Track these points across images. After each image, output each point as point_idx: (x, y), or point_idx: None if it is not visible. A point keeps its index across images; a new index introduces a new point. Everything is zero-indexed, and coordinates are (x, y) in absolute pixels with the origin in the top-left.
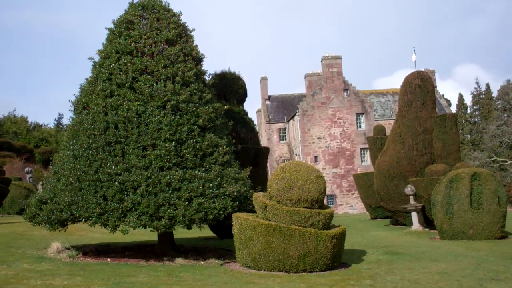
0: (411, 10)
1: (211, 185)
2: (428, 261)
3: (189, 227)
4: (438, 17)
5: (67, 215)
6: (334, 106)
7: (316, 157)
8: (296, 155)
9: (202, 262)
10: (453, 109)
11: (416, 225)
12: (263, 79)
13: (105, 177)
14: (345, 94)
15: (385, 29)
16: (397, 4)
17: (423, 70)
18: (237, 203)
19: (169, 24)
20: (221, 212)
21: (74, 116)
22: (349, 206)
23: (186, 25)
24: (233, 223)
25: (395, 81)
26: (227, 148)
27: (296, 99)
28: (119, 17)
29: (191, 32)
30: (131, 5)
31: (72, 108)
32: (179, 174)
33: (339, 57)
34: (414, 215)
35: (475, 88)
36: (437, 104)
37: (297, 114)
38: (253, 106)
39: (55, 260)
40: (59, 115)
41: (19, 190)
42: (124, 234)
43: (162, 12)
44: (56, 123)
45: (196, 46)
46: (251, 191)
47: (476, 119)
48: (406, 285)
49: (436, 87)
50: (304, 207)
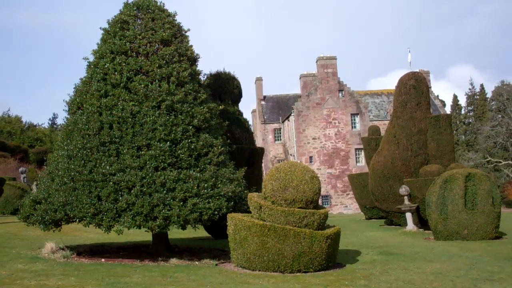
0: (405, 11)
1: (206, 185)
2: (423, 261)
3: (183, 228)
4: (433, 18)
5: (61, 215)
6: (329, 107)
7: (311, 157)
8: (291, 155)
9: (197, 263)
10: (448, 109)
11: (410, 225)
12: (258, 80)
13: (99, 177)
14: (340, 94)
15: (379, 30)
16: (391, 5)
17: (417, 70)
18: (232, 203)
19: (164, 24)
20: (216, 212)
21: (69, 116)
22: (344, 206)
23: (181, 25)
24: (228, 224)
25: (390, 82)
26: (222, 149)
27: (291, 100)
28: (114, 17)
29: (186, 32)
30: (126, 5)
31: (67, 108)
32: (173, 174)
33: (334, 58)
34: (409, 215)
35: (470, 89)
36: (431, 105)
37: (292, 114)
38: (248, 107)
39: (49, 260)
40: (54, 115)
41: (13, 190)
42: (119, 234)
43: (157, 12)
44: (50, 123)
45: (191, 46)
46: (246, 191)
47: (471, 120)
48: (401, 285)
49: (430, 87)
50: (299, 208)
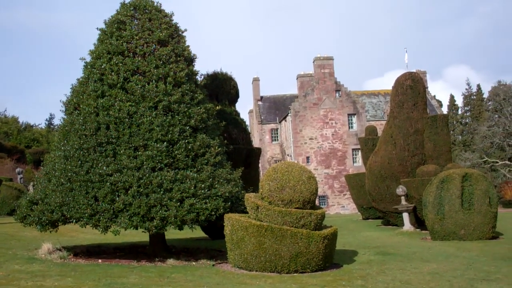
0: (402, 11)
1: (203, 185)
2: (420, 261)
3: (180, 228)
4: (429, 18)
5: (58, 215)
6: (326, 107)
7: (308, 157)
8: (288, 155)
9: (194, 263)
10: (444, 110)
11: (407, 225)
12: (255, 80)
13: (96, 177)
14: (337, 95)
15: (376, 30)
16: (388, 6)
17: (414, 71)
18: (229, 203)
19: (161, 25)
20: (213, 213)
21: (65, 117)
22: (340, 206)
23: (178, 25)
24: (225, 224)
25: (386, 82)
26: (219, 149)
27: (288, 100)
28: (110, 18)
29: (183, 32)
30: (123, 5)
31: (63, 109)
32: (170, 174)
33: (331, 58)
34: (406, 215)
35: (466, 89)
36: (428, 105)
37: (289, 114)
38: (245, 107)
39: (46, 261)
40: (50, 115)
41: (10, 191)
42: (116, 235)
43: (154, 12)
44: (47, 123)
45: (188, 46)
46: (243, 191)
47: (467, 120)
48: (397, 285)
49: (427, 88)
50: (296, 208)
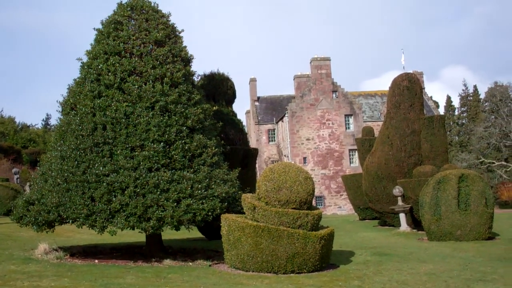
0: (399, 12)
1: (199, 186)
2: (416, 262)
3: (177, 228)
4: (426, 19)
5: (54, 216)
6: (322, 108)
7: (305, 158)
8: (285, 156)
9: (191, 263)
10: (441, 110)
11: (404, 226)
12: (252, 80)
13: (93, 178)
14: (334, 95)
15: (373, 31)
16: (385, 6)
17: (411, 71)
18: (226, 204)
19: (158, 25)
20: (210, 213)
21: (62, 117)
22: (337, 207)
23: (175, 26)
24: (221, 224)
25: (383, 83)
26: (216, 149)
27: (285, 101)
28: (107, 18)
29: (180, 33)
30: (120, 5)
31: (60, 109)
32: (167, 175)
33: (327, 59)
34: (402, 216)
35: (463, 90)
36: (425, 106)
37: (286, 115)
38: (242, 107)
39: (42, 262)
40: (47, 115)
41: (6, 191)
42: (112, 235)
43: (151, 13)
44: (44, 123)
45: (185, 47)
46: (239, 192)
47: (464, 121)
48: (394, 286)
49: (424, 89)
50: (292, 208)
